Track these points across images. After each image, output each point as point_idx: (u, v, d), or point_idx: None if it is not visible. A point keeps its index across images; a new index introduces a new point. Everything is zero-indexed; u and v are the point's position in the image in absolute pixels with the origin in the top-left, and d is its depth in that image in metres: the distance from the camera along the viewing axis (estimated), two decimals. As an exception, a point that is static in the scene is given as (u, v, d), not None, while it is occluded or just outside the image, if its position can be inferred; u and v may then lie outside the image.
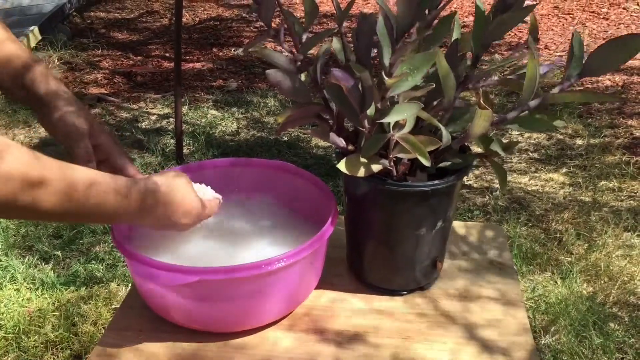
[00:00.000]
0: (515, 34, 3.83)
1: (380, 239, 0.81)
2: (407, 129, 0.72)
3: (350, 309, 0.83)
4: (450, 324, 0.80)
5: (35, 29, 3.59)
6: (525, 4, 0.69)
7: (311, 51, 0.77)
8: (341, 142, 0.77)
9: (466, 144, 0.78)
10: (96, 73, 3.43)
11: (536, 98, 0.70)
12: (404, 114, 0.70)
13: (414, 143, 0.70)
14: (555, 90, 0.70)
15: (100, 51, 3.74)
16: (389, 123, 0.72)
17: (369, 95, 0.70)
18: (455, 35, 0.76)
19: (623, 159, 2.48)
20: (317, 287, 0.83)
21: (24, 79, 0.76)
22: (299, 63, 0.75)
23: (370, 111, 0.71)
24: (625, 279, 1.83)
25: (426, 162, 0.70)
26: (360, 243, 0.85)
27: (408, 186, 0.75)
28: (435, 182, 0.75)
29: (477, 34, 0.72)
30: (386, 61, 0.68)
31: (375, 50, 0.71)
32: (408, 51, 0.67)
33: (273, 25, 0.76)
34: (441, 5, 0.74)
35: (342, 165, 0.73)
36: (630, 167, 2.40)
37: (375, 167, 0.73)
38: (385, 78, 0.68)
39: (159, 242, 0.79)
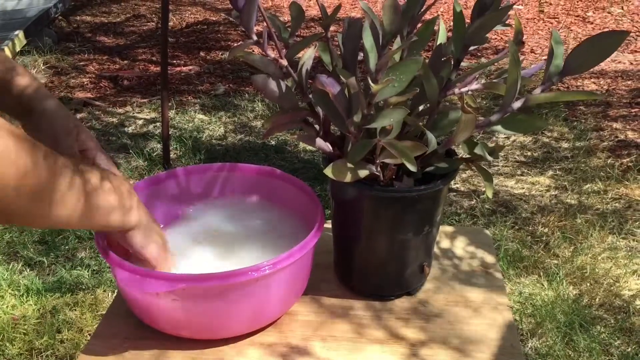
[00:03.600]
0: (502, 37, 3.85)
1: (366, 244, 0.81)
2: (393, 135, 0.72)
3: (336, 314, 0.82)
4: (436, 328, 0.80)
5: (21, 33, 3.56)
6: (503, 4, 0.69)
7: (298, 56, 0.77)
8: (328, 147, 0.77)
9: (453, 148, 0.78)
10: (82, 77, 3.40)
11: (518, 100, 0.70)
12: (390, 120, 0.70)
13: (401, 148, 0.70)
14: (537, 91, 0.70)
15: (86, 55, 3.72)
16: (376, 128, 0.72)
17: (355, 101, 0.70)
18: (439, 40, 0.76)
19: (608, 161, 2.50)
20: (305, 293, 0.83)
21: (6, 85, 0.75)
22: (284, 69, 0.75)
23: (357, 117, 0.71)
24: (611, 281, 1.84)
25: (412, 168, 0.70)
26: (347, 248, 0.85)
27: (394, 191, 0.75)
28: (422, 187, 0.75)
29: (457, 37, 0.73)
30: (372, 67, 0.68)
31: (362, 54, 0.71)
32: (393, 57, 0.67)
33: (259, 29, 0.76)
34: (423, 9, 0.74)
35: (328, 171, 0.73)
36: (615, 169, 2.42)
37: (362, 173, 0.73)
38: (372, 84, 0.68)
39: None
